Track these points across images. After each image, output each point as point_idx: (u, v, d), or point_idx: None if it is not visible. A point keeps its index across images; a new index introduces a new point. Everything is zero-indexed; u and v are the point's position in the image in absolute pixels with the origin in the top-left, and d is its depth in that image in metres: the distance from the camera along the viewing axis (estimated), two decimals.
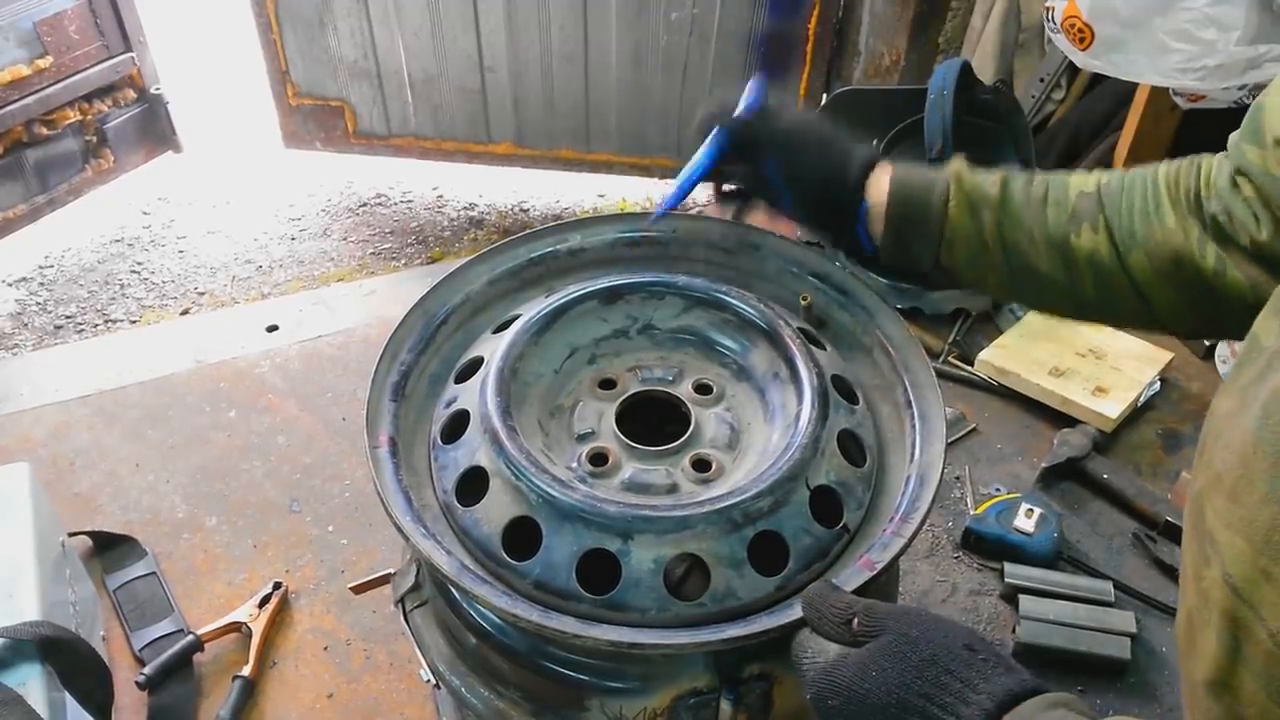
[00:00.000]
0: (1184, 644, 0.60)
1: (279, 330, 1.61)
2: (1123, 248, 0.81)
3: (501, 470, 0.76)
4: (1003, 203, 0.84)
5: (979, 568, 1.26)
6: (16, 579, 0.99)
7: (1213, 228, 0.78)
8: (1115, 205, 0.82)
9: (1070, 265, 0.83)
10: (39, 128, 2.81)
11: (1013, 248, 0.84)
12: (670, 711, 0.77)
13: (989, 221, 0.84)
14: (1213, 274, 0.78)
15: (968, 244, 0.85)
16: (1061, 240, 0.83)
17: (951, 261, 0.87)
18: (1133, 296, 0.83)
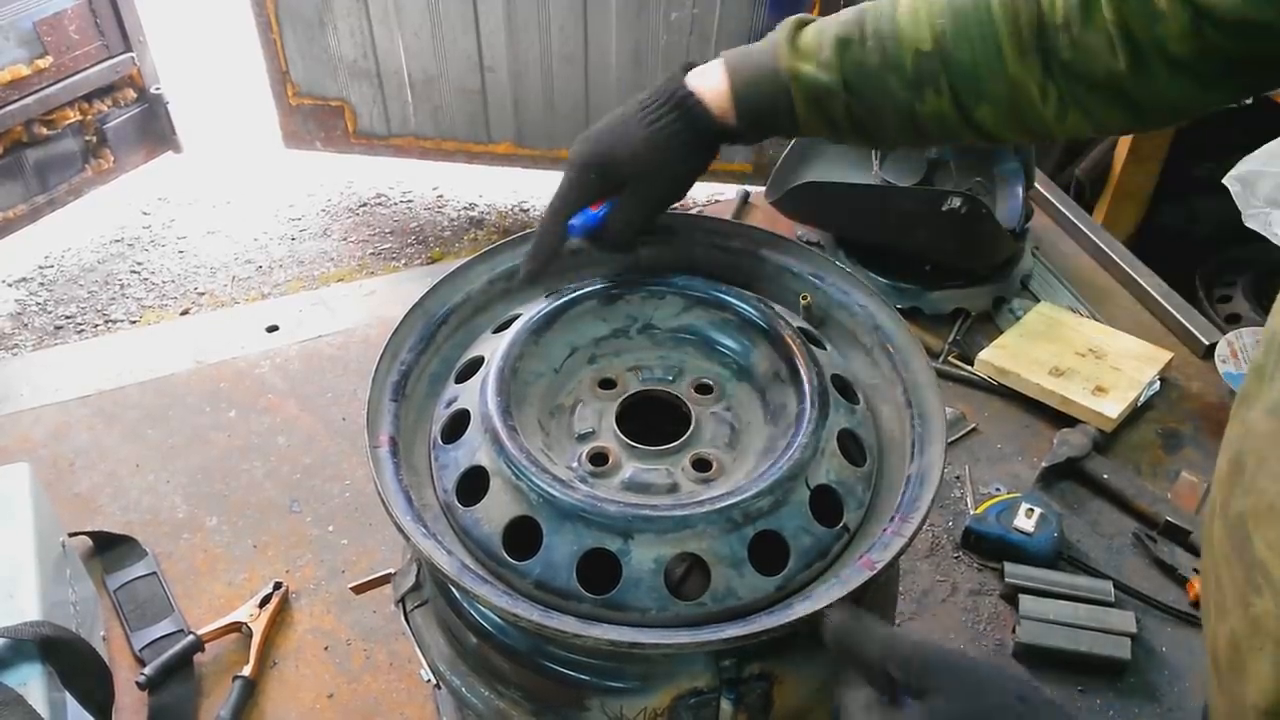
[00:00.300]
0: (1227, 666, 0.59)
1: (279, 330, 1.60)
2: (967, 105, 0.80)
3: (502, 470, 0.76)
4: (845, 87, 0.82)
5: (979, 567, 1.26)
6: (17, 579, 0.99)
7: (1057, 64, 0.75)
8: (954, 60, 0.79)
9: (919, 130, 0.83)
10: (39, 128, 2.81)
11: (862, 124, 0.84)
12: (671, 711, 0.77)
13: (838, 110, 0.83)
14: (1054, 120, 0.77)
15: (821, 128, 0.86)
16: (906, 109, 0.82)
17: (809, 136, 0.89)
18: (980, 140, 0.85)
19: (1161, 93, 0.73)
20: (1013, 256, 1.61)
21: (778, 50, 0.83)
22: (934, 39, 0.78)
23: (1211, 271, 2.15)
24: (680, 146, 0.85)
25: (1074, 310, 1.60)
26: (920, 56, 0.79)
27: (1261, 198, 1.56)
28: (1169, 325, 1.59)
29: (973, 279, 1.58)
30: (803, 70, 0.82)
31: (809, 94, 0.82)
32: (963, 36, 0.77)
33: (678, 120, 0.84)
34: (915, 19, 0.79)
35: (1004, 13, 0.76)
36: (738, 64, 0.84)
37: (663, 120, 0.84)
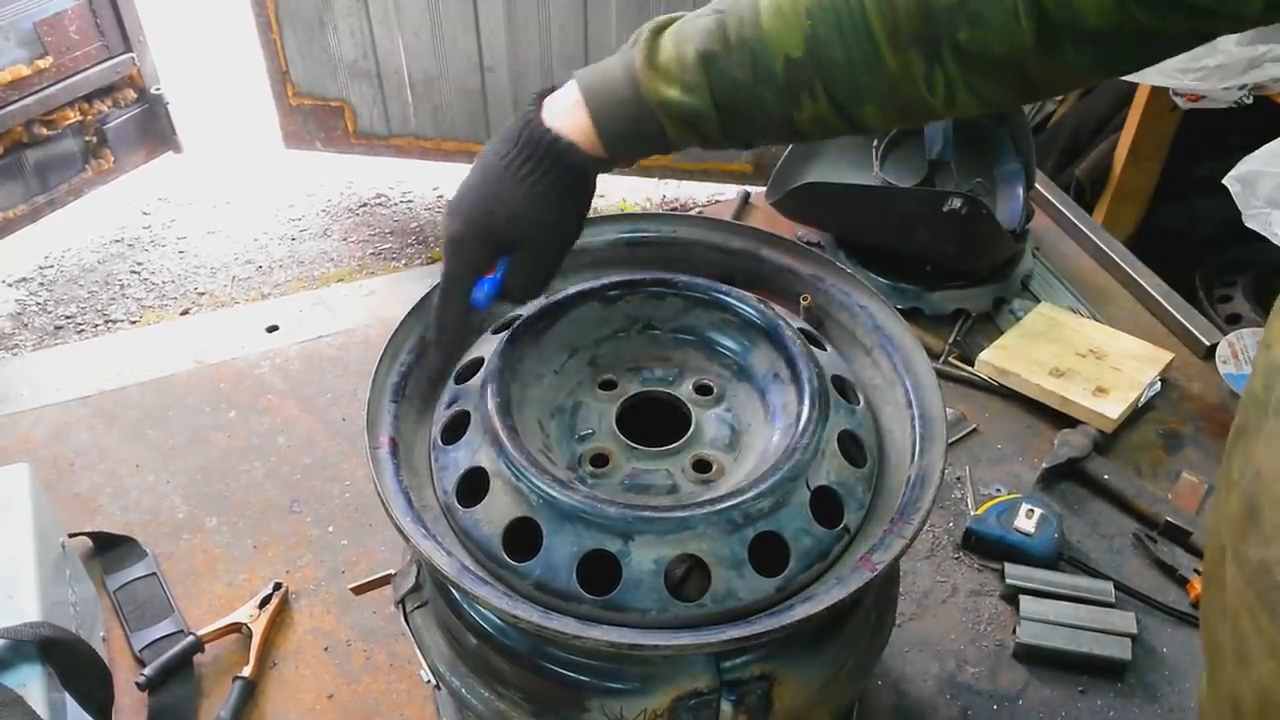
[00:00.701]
0: (1258, 714, 0.59)
1: (279, 331, 1.60)
2: (847, 106, 0.74)
3: (502, 471, 0.76)
4: (716, 107, 0.75)
5: (979, 568, 1.26)
6: (17, 580, 0.99)
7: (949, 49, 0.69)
8: (828, 62, 0.72)
9: (797, 134, 0.78)
10: (39, 128, 2.81)
11: (737, 135, 0.79)
12: (671, 712, 0.77)
13: (711, 128, 0.77)
14: (942, 106, 0.73)
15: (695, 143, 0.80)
16: (784, 118, 0.76)
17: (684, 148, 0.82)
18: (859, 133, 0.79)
19: (1063, 68, 0.69)
20: (1013, 257, 1.61)
21: (637, 75, 0.75)
22: (804, 42, 0.71)
23: (1212, 272, 2.15)
24: (560, 196, 0.78)
25: (1074, 311, 1.59)
26: (791, 64, 0.72)
27: (1262, 198, 1.56)
28: (1169, 326, 1.59)
29: (973, 279, 1.58)
30: (667, 96, 0.75)
31: (678, 118, 0.76)
32: (833, 35, 0.71)
33: (551, 169, 0.77)
34: (781, 20, 0.72)
35: (875, 3, 0.69)
36: (596, 96, 0.76)
37: (535, 172, 0.77)
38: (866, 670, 0.89)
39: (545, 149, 0.76)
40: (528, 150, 0.77)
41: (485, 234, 0.78)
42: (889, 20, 0.69)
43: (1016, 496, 1.29)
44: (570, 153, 0.77)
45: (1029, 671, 1.15)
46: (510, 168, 0.77)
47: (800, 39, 0.72)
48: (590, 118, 0.77)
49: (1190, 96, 1.96)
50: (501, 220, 0.78)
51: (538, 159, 0.77)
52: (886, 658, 1.13)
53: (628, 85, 0.76)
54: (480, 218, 0.78)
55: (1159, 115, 2.11)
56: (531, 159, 0.77)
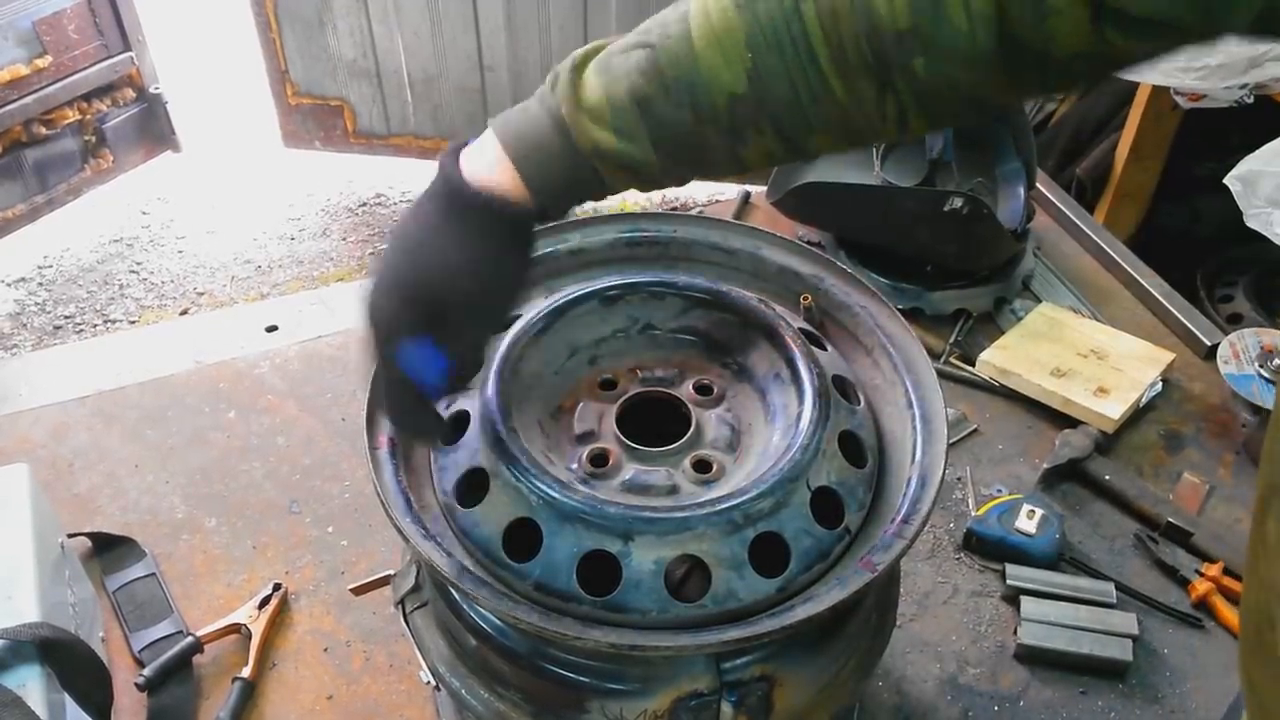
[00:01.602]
0: None
1: (278, 330, 1.60)
2: (795, 138, 0.69)
3: (502, 471, 0.76)
4: (657, 151, 0.69)
5: (980, 569, 1.25)
6: (16, 580, 0.99)
7: (902, 76, 0.64)
8: (772, 98, 0.67)
9: (743, 167, 0.72)
10: (38, 127, 2.81)
11: (681, 174, 0.74)
12: (671, 713, 0.77)
13: (653, 172, 0.71)
14: (895, 131, 0.68)
15: (635, 186, 0.74)
16: (729, 155, 0.70)
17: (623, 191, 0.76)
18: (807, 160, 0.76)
19: (1025, 90, 0.67)
20: (1014, 257, 1.60)
21: (565, 119, 0.68)
22: (746, 77, 0.66)
23: (1213, 271, 2.15)
24: (497, 252, 0.71)
25: (1075, 311, 1.59)
26: (734, 100, 0.66)
27: (1263, 197, 1.56)
28: (1170, 326, 1.59)
29: (974, 279, 1.58)
30: (602, 142, 0.68)
31: (615, 165, 0.69)
32: (778, 68, 0.65)
33: (481, 225, 0.70)
34: (720, 53, 0.65)
35: (821, 31, 0.64)
36: (521, 146, 0.70)
37: (465, 231, 0.70)
38: (867, 671, 0.89)
39: (479, 209, 0.69)
40: (455, 209, 0.70)
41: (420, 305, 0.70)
42: (836, 49, 0.64)
43: (1017, 497, 1.28)
44: (501, 207, 0.69)
45: (1030, 672, 1.15)
46: (439, 230, 0.70)
47: (742, 73, 0.66)
48: (516, 169, 0.69)
49: (1191, 96, 1.96)
50: (442, 292, 0.70)
51: (466, 217, 0.70)
52: (887, 659, 1.13)
53: (554, 131, 0.69)
54: (412, 289, 0.70)
55: (1160, 115, 2.11)
56: (459, 218, 0.70)
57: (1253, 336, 1.46)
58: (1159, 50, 0.62)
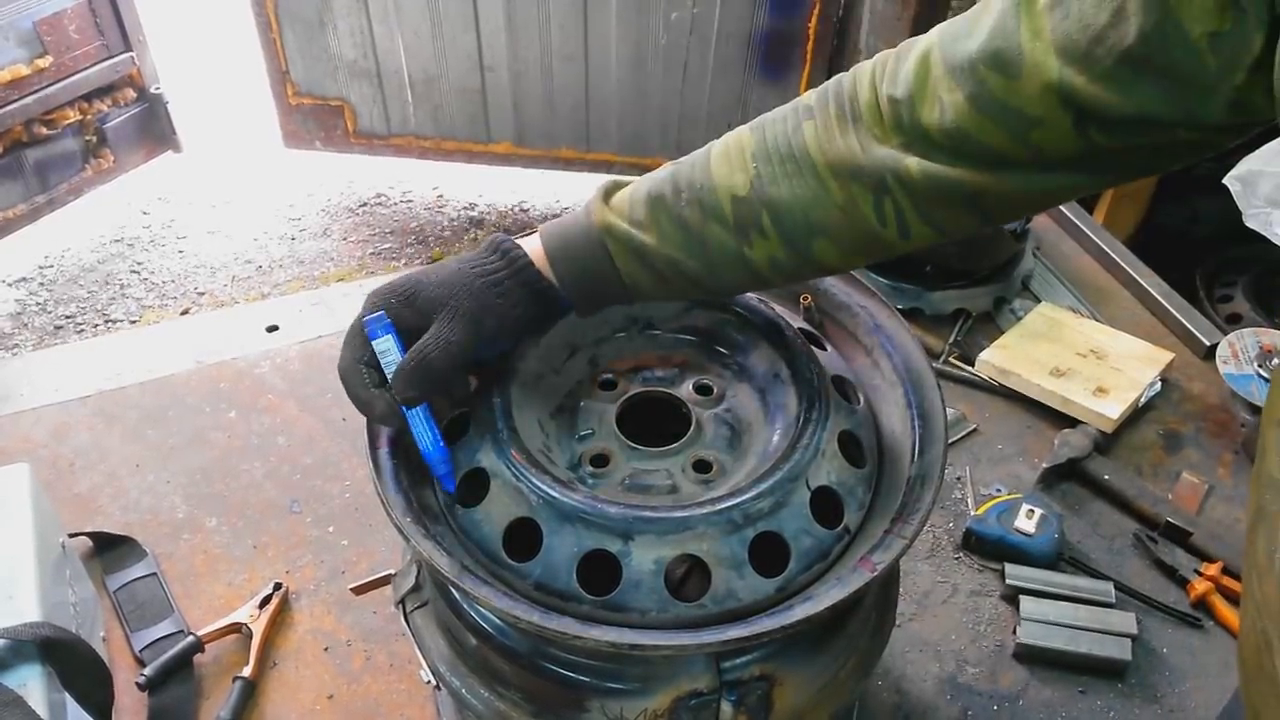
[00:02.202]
0: None
1: (279, 330, 1.60)
2: (799, 244, 0.74)
3: (502, 471, 0.76)
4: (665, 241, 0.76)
5: (979, 569, 1.26)
6: (16, 580, 0.99)
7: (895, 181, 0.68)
8: (773, 199, 0.73)
9: (755, 274, 0.77)
10: (39, 127, 2.81)
11: (695, 278, 0.78)
12: (671, 713, 0.77)
13: (664, 265, 0.77)
14: (898, 240, 0.72)
15: (653, 286, 0.79)
16: (737, 256, 0.75)
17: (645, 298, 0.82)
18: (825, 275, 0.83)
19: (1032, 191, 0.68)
20: (1014, 257, 1.61)
21: (589, 208, 0.78)
22: (748, 182, 0.73)
23: (1212, 271, 2.15)
24: (506, 291, 0.78)
25: (1075, 311, 1.59)
26: (737, 202, 0.73)
27: (1262, 197, 1.56)
28: (1170, 326, 1.59)
29: (974, 279, 1.58)
30: (615, 224, 0.76)
31: (627, 248, 0.76)
32: (777, 173, 0.72)
33: (503, 267, 0.77)
34: (728, 164, 0.74)
35: (816, 138, 0.71)
36: (550, 229, 0.79)
37: (482, 266, 0.78)
38: (867, 671, 0.89)
39: (501, 251, 0.78)
40: (485, 252, 0.79)
41: (409, 295, 0.77)
42: (832, 158, 0.70)
43: (1017, 497, 1.29)
44: (525, 265, 0.78)
45: (1029, 672, 1.15)
46: (463, 261, 0.79)
47: (746, 180, 0.73)
48: (542, 246, 0.79)
49: None
50: (429, 287, 0.77)
51: (490, 259, 0.78)
52: (886, 658, 1.13)
53: (579, 219, 0.78)
54: (406, 283, 0.78)
55: None
56: (485, 259, 0.78)
57: (1252, 336, 1.46)
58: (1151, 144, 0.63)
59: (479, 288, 0.77)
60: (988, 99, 0.63)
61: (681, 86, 2.88)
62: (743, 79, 2.87)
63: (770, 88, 2.88)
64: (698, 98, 2.90)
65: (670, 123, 2.96)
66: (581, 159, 3.10)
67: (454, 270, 0.78)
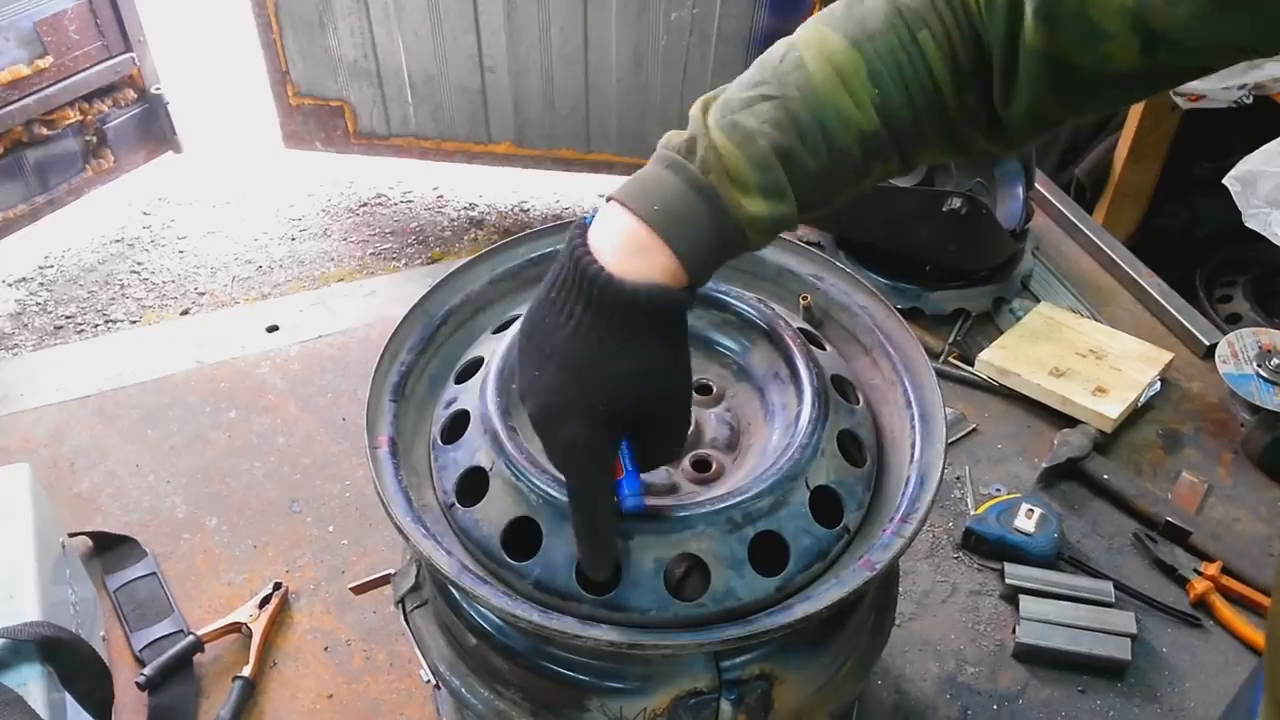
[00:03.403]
0: None
1: (279, 330, 1.60)
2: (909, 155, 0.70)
3: (502, 470, 0.76)
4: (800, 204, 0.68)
5: (979, 568, 1.26)
6: (16, 579, 0.99)
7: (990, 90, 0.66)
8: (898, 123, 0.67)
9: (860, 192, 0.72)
10: (39, 128, 2.81)
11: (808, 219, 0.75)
12: (670, 712, 0.77)
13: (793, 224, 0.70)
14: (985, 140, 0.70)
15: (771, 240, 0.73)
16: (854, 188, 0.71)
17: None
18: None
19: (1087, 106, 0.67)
20: (1013, 257, 1.61)
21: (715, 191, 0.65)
22: (875, 112, 0.66)
23: (1212, 271, 2.15)
24: (673, 347, 0.67)
25: (1074, 311, 1.59)
26: (865, 138, 0.67)
27: (1262, 198, 1.56)
28: (1169, 326, 1.59)
29: (973, 279, 1.58)
30: (756, 210, 0.66)
31: (768, 228, 0.68)
32: (901, 97, 0.66)
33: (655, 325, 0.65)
34: (847, 91, 0.66)
35: (938, 51, 0.66)
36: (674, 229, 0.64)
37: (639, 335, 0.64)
38: (866, 670, 0.89)
39: (640, 307, 0.64)
40: (617, 312, 0.64)
41: (611, 422, 0.65)
42: (951, 67, 0.66)
43: (1016, 496, 1.29)
44: (665, 299, 0.64)
45: (1029, 671, 1.15)
46: (606, 339, 0.64)
47: (871, 111, 0.66)
48: (674, 253, 0.64)
49: (1190, 96, 1.96)
50: (628, 399, 0.64)
51: (631, 317, 0.64)
52: (886, 657, 1.13)
53: (701, 202, 0.65)
54: (601, 408, 0.64)
55: (1159, 115, 2.11)
56: (629, 321, 0.64)
57: (1251, 336, 1.46)
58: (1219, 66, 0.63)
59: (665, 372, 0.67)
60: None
61: (681, 87, 2.88)
62: None
63: None
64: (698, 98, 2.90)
65: (670, 123, 2.94)
66: (581, 159, 3.10)
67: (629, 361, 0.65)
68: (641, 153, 3.36)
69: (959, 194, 1.42)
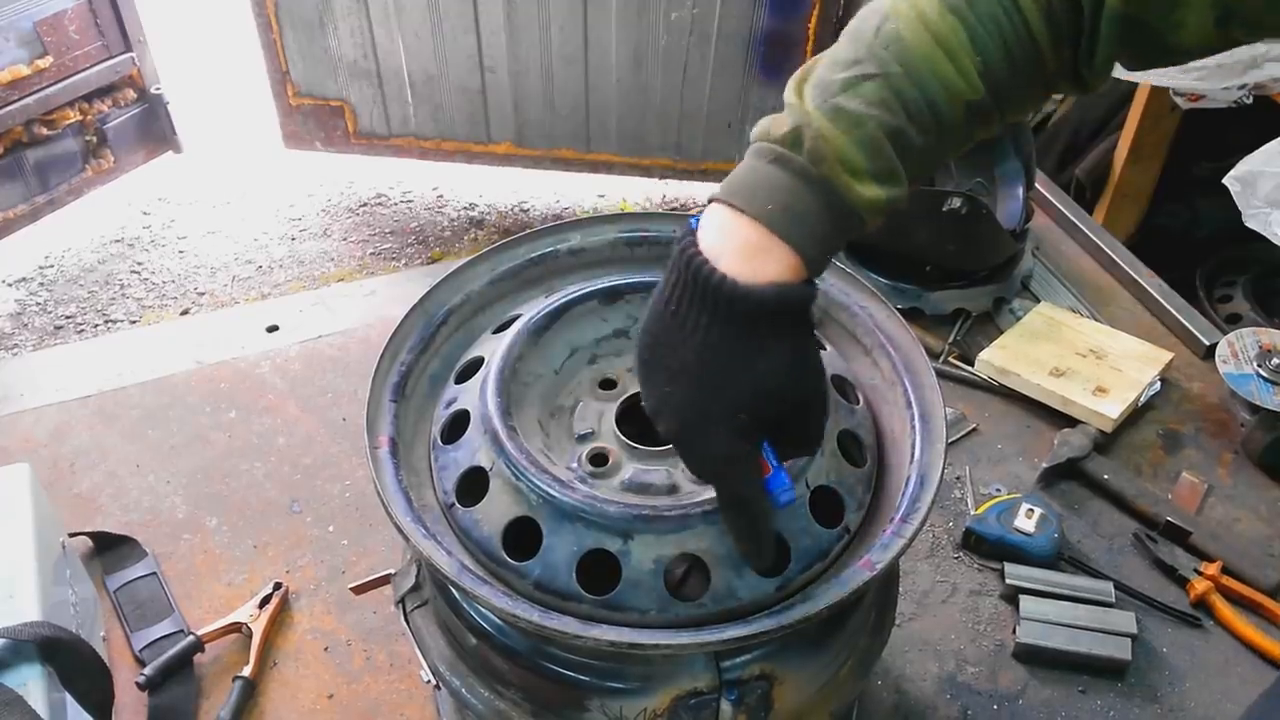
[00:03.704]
0: None
1: (279, 330, 1.60)
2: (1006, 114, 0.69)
3: (502, 470, 0.76)
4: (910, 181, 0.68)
5: (979, 568, 1.26)
6: (17, 579, 0.99)
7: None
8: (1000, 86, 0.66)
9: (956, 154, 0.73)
10: (39, 128, 2.81)
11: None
12: (670, 712, 0.77)
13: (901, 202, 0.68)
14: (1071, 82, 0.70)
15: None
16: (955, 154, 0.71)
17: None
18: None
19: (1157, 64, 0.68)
20: (1013, 257, 1.61)
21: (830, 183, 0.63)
22: (980, 79, 0.64)
23: (1212, 271, 2.15)
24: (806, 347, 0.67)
25: (1074, 311, 1.59)
26: (970, 107, 0.65)
27: (1262, 198, 1.56)
28: (1169, 325, 1.59)
29: (973, 279, 1.58)
30: (872, 196, 0.64)
31: (882, 211, 0.66)
32: (1002, 57, 0.64)
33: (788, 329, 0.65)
34: (951, 63, 0.64)
35: (1036, 6, 0.64)
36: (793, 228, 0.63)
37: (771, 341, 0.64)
38: (866, 670, 0.89)
39: (767, 311, 0.63)
40: (744, 320, 0.63)
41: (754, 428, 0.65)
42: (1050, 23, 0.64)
43: (1016, 496, 1.29)
44: (794, 299, 0.64)
45: (1029, 671, 1.15)
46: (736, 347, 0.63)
47: (975, 78, 0.64)
48: (792, 250, 0.63)
49: (1190, 96, 1.96)
50: (767, 403, 0.64)
51: (764, 324, 0.63)
52: (886, 657, 1.13)
53: (815, 195, 0.63)
54: (742, 416, 0.64)
55: (1159, 115, 2.11)
56: (757, 326, 0.63)
57: (1251, 336, 1.46)
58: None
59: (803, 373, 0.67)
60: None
61: (681, 86, 2.88)
62: (743, 79, 2.87)
63: (770, 88, 2.88)
64: (698, 98, 2.89)
65: (670, 123, 2.95)
66: (581, 159, 3.10)
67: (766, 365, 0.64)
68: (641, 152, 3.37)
69: (959, 194, 1.42)
